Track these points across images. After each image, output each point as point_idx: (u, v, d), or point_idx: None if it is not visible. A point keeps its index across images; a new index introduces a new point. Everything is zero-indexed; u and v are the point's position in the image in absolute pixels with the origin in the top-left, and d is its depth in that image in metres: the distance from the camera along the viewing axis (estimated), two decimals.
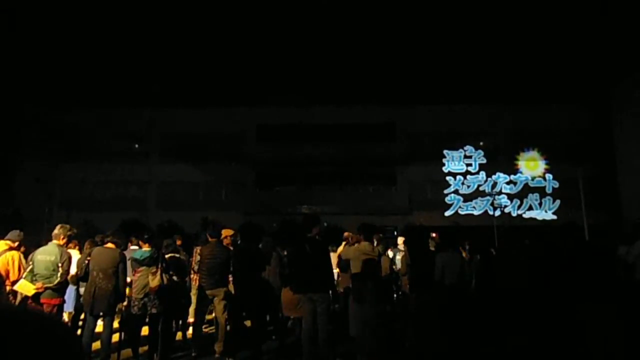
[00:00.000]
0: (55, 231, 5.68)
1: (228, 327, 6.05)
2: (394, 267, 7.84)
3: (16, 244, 6.03)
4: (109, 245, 5.74)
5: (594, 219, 20.15)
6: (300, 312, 5.55)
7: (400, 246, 9.16)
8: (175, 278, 5.96)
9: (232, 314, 6.55)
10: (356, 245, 6.18)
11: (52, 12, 24.59)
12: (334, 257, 8.90)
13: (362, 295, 5.51)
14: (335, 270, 7.23)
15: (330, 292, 6.40)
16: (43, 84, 25.84)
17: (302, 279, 5.38)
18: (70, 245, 6.96)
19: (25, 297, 5.59)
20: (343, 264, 6.15)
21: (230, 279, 6.42)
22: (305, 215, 6.16)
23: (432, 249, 7.05)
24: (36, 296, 5.39)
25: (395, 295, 8.48)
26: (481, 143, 26.92)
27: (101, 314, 5.57)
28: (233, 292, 6.26)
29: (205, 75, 27.75)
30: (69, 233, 5.72)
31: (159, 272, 5.63)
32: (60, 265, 5.47)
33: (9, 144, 24.71)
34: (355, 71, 27.84)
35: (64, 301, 5.77)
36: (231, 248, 6.63)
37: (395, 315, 7.66)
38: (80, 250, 7.04)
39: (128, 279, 5.88)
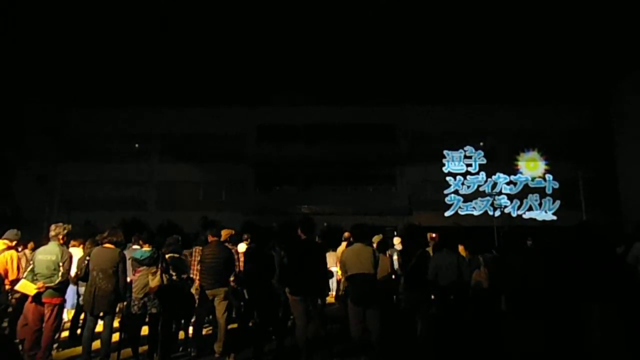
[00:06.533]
0: (52, 232, 5.67)
1: (228, 327, 6.07)
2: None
3: (14, 243, 6.04)
4: (108, 245, 5.73)
5: (593, 219, 20.15)
6: None
7: (397, 246, 9.24)
8: (175, 277, 5.96)
9: (242, 315, 6.59)
10: (352, 246, 6.20)
11: (53, 12, 24.60)
12: (334, 257, 8.94)
13: (359, 296, 5.52)
14: (336, 269, 7.24)
15: (329, 292, 6.45)
16: (43, 83, 25.85)
17: (296, 281, 5.43)
18: (74, 243, 6.97)
19: (24, 296, 5.59)
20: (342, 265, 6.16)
21: (232, 278, 6.44)
22: (301, 218, 6.19)
23: (430, 248, 7.06)
24: (37, 296, 5.40)
25: (395, 296, 8.48)
26: (481, 143, 26.90)
27: (101, 313, 5.57)
28: (246, 294, 6.29)
29: (205, 75, 27.77)
30: (65, 231, 5.72)
31: (159, 272, 5.63)
32: (61, 264, 5.48)
33: (9, 144, 24.71)
34: (355, 71, 27.86)
35: (64, 300, 5.77)
36: (230, 247, 6.66)
37: (394, 315, 7.65)
38: (83, 249, 7.04)
39: (128, 279, 5.87)
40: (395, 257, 8.47)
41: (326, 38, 27.39)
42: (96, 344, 5.58)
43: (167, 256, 6.06)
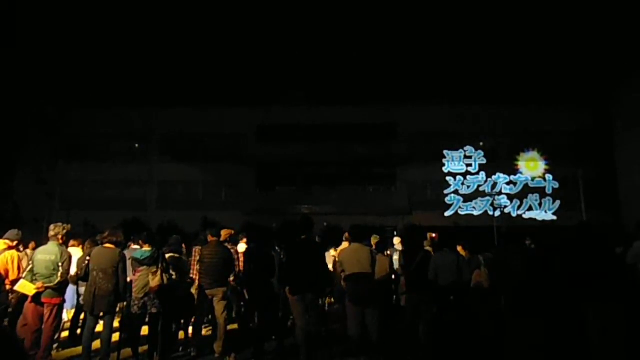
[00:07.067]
0: (52, 232, 5.66)
1: (228, 327, 6.07)
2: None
3: (15, 243, 6.04)
4: (108, 245, 5.73)
5: (594, 219, 20.14)
6: None
7: (397, 246, 9.21)
8: (174, 277, 5.96)
9: (244, 315, 6.59)
10: (349, 246, 6.22)
11: (53, 12, 24.61)
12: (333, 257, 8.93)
13: (357, 295, 5.53)
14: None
15: (329, 290, 6.44)
16: (43, 83, 25.85)
17: (295, 280, 5.44)
18: (74, 243, 6.97)
19: (23, 297, 5.59)
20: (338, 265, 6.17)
21: (232, 278, 6.44)
22: (300, 217, 6.21)
23: (428, 248, 7.04)
24: (37, 296, 5.39)
25: (395, 296, 8.48)
26: (481, 143, 26.91)
27: (101, 313, 5.57)
28: (247, 294, 6.29)
29: (205, 75, 27.77)
30: (64, 231, 5.72)
31: (159, 272, 5.63)
32: (60, 264, 5.47)
33: (9, 144, 24.71)
34: (356, 71, 27.85)
35: (64, 300, 5.77)
36: (230, 247, 6.65)
37: (393, 315, 7.65)
38: (83, 249, 7.03)
39: (128, 279, 5.88)
40: (395, 257, 8.46)
41: (326, 38, 27.40)
42: (96, 344, 5.58)
43: (167, 256, 6.06)
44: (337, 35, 27.86)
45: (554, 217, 25.39)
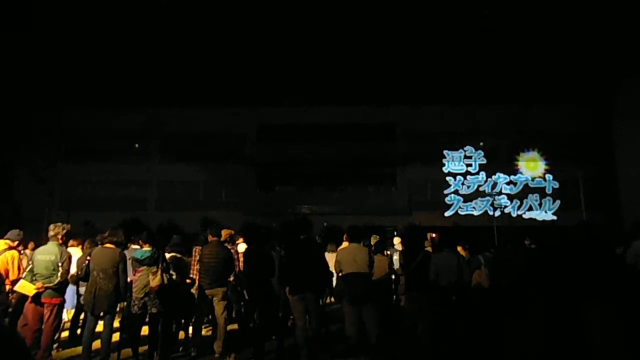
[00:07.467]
0: (51, 232, 5.67)
1: (228, 327, 6.07)
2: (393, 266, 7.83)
3: (15, 243, 6.04)
4: (109, 245, 5.74)
5: (593, 219, 20.15)
6: None
7: (397, 246, 9.22)
8: (174, 277, 5.96)
9: (244, 315, 6.60)
10: (347, 246, 6.23)
11: (52, 12, 24.60)
12: (333, 257, 8.93)
13: (354, 295, 5.54)
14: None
15: (328, 290, 6.45)
16: (43, 83, 25.86)
17: (295, 280, 5.46)
18: (74, 243, 6.97)
19: (23, 297, 5.59)
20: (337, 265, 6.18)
21: (231, 278, 6.44)
22: (298, 218, 6.25)
23: (428, 248, 7.05)
24: (37, 296, 5.40)
25: (395, 296, 8.48)
26: (481, 143, 26.90)
27: (102, 313, 5.58)
28: (246, 294, 6.30)
29: (205, 75, 27.76)
30: (64, 231, 5.72)
31: (159, 272, 5.63)
32: (60, 264, 5.47)
33: (8, 144, 24.71)
34: (355, 71, 27.85)
35: (64, 300, 5.77)
36: (230, 247, 6.66)
37: (393, 315, 7.65)
38: (83, 249, 7.03)
39: (128, 279, 5.88)
40: (395, 257, 8.47)
41: (326, 38, 27.39)
42: (96, 344, 5.58)
43: (168, 256, 6.07)
44: (337, 35, 27.86)
45: (554, 217, 25.39)
